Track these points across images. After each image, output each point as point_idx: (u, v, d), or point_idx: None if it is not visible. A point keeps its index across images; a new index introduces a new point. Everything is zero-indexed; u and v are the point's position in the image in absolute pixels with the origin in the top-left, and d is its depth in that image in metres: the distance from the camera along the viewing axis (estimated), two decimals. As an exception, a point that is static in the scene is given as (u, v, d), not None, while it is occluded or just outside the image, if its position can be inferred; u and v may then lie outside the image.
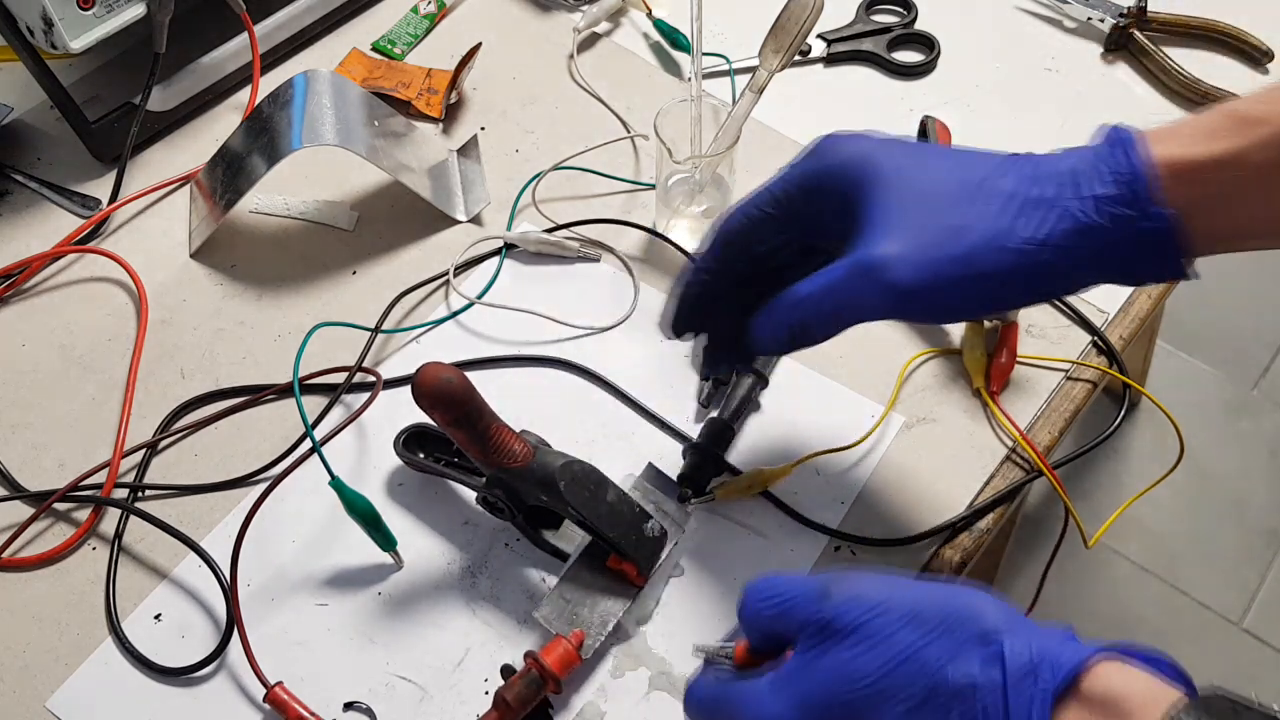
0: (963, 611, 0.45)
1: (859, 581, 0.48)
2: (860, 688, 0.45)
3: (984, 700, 0.43)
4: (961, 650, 0.44)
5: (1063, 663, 0.43)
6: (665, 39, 0.91)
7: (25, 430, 0.71)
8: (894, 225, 0.52)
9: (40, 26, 0.74)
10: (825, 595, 0.48)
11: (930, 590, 0.47)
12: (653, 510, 0.62)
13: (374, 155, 0.75)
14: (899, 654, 0.45)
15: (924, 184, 0.53)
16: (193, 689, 0.61)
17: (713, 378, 0.70)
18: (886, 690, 0.45)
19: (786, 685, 0.47)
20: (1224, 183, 0.49)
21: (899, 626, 0.46)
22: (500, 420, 0.59)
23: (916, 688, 0.44)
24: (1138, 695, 0.42)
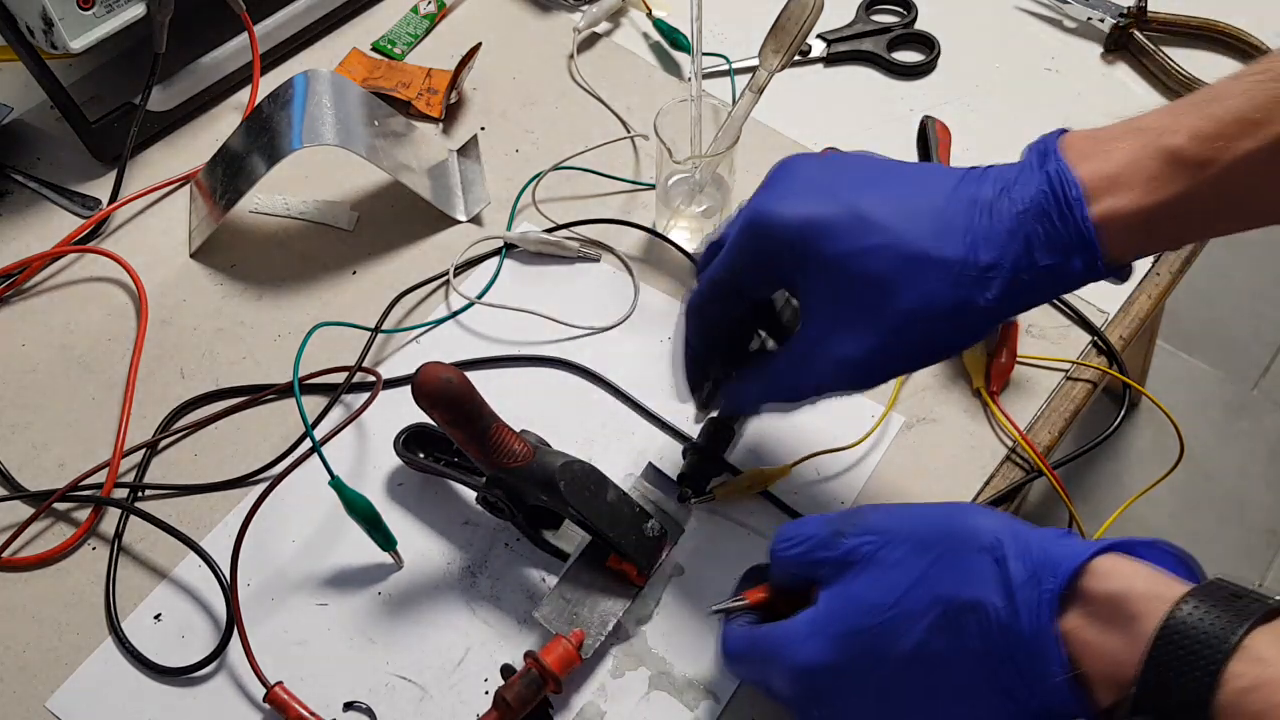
0: (962, 529, 0.47)
1: (867, 516, 0.51)
2: (881, 615, 0.47)
3: (994, 614, 0.45)
4: (966, 566, 0.46)
5: (1063, 564, 0.44)
6: (665, 39, 0.91)
7: (25, 430, 0.71)
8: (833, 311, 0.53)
9: (40, 26, 0.74)
10: (839, 534, 0.51)
11: (930, 513, 0.50)
12: (652, 510, 0.62)
13: (374, 155, 0.75)
14: (910, 579, 0.47)
15: (861, 261, 0.52)
16: (192, 689, 0.61)
17: (713, 378, 0.70)
18: (905, 614, 0.47)
19: (816, 625, 0.49)
20: (1162, 225, 0.50)
21: (906, 553, 0.48)
22: (500, 420, 0.59)
23: (931, 608, 0.46)
24: (1139, 591, 0.43)
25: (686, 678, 0.61)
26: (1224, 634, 0.40)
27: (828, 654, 0.49)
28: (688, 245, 0.77)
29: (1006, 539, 0.46)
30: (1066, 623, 0.44)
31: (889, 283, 0.51)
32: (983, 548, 0.46)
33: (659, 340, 0.74)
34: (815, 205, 0.53)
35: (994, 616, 0.45)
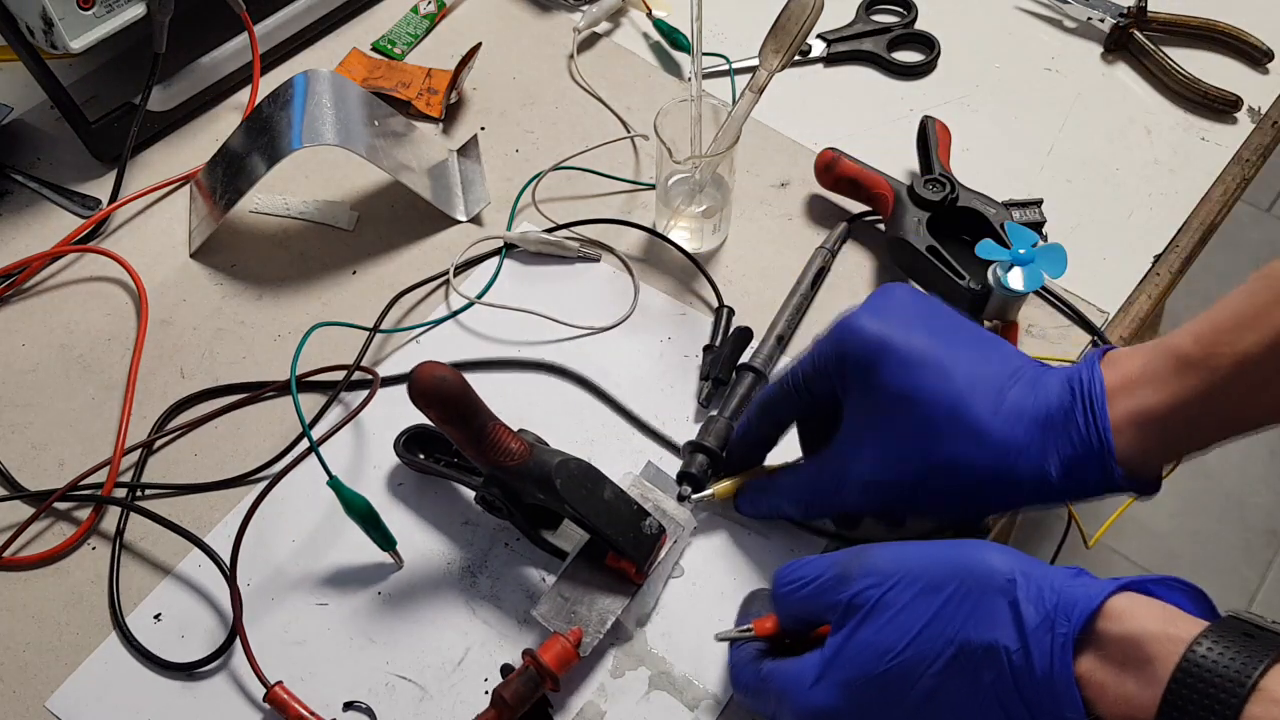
0: (974, 568, 0.47)
1: (872, 556, 0.50)
2: (892, 661, 0.47)
3: (1007, 658, 0.44)
4: (978, 608, 0.46)
5: (1078, 607, 0.44)
6: (665, 39, 0.91)
7: (25, 430, 0.71)
8: (870, 434, 0.57)
9: (40, 26, 0.74)
10: (845, 577, 0.50)
11: (938, 552, 0.49)
12: (652, 509, 0.62)
13: (374, 155, 0.75)
14: (921, 622, 0.47)
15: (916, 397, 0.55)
16: (192, 689, 0.61)
17: (712, 377, 0.70)
18: (917, 658, 0.46)
19: (826, 671, 0.49)
20: (1174, 425, 0.52)
21: (915, 595, 0.47)
22: (497, 419, 0.59)
23: (942, 653, 0.46)
24: (1154, 632, 0.43)
25: (686, 678, 0.61)
26: (1240, 676, 0.40)
27: (838, 700, 0.48)
28: (687, 245, 0.77)
29: (1019, 580, 0.45)
30: (1082, 665, 0.43)
31: (934, 426, 0.54)
32: (996, 589, 0.46)
33: (659, 340, 0.74)
34: (897, 330, 0.56)
35: (1008, 661, 0.44)
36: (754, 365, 0.70)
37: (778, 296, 0.75)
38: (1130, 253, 0.78)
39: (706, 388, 0.70)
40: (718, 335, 0.72)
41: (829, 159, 0.78)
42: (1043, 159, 0.84)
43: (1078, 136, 0.85)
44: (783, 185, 0.82)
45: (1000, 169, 0.83)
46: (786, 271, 0.76)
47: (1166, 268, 0.78)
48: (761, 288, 0.76)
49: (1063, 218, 0.79)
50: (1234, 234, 1.71)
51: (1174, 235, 0.79)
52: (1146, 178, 0.82)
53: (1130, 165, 0.83)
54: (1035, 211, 0.76)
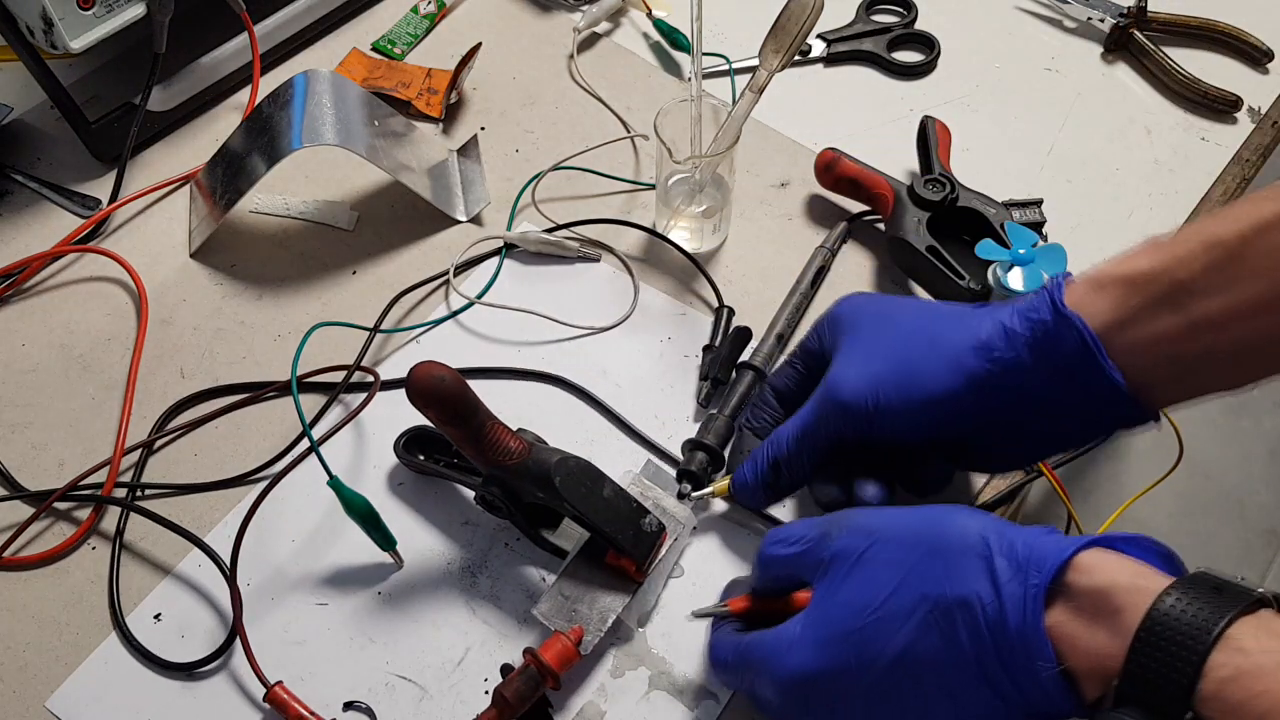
0: (948, 528, 0.48)
1: (853, 517, 0.52)
2: (868, 616, 0.48)
3: (981, 611, 0.45)
4: (953, 564, 0.46)
5: (1048, 560, 0.45)
6: (665, 39, 0.91)
7: (25, 430, 0.71)
8: (851, 359, 0.59)
9: (40, 26, 0.74)
10: (827, 536, 0.51)
11: (917, 514, 0.50)
12: (652, 506, 0.62)
13: (374, 155, 0.75)
14: (897, 578, 0.48)
15: (885, 330, 0.59)
16: (192, 689, 0.61)
17: (712, 377, 0.70)
18: (892, 614, 0.47)
19: (804, 632, 0.50)
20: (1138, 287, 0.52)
21: (892, 552, 0.48)
22: (495, 418, 0.59)
23: (918, 606, 0.47)
24: (1123, 585, 0.44)
25: (686, 678, 0.61)
26: (1206, 625, 0.40)
27: (817, 660, 0.49)
28: (688, 245, 0.77)
29: (992, 536, 0.46)
30: (1052, 617, 0.44)
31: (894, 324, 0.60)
32: (968, 546, 0.46)
33: (659, 340, 0.74)
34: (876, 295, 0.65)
35: (981, 613, 0.45)
36: (753, 364, 0.70)
37: (778, 296, 0.75)
38: (1130, 253, 0.78)
39: (706, 387, 0.70)
40: (717, 335, 0.72)
41: (829, 159, 0.78)
42: (1043, 159, 0.84)
43: (1078, 136, 0.85)
44: (783, 185, 0.82)
45: (1000, 169, 0.83)
46: (786, 271, 0.76)
47: (1166, 268, 0.78)
48: (761, 287, 0.76)
49: (1063, 218, 0.79)
50: (1234, 234, 1.71)
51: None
52: (1146, 178, 0.82)
53: (1130, 165, 0.83)
54: (1035, 211, 0.76)
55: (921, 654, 0.46)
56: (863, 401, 0.57)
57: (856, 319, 0.61)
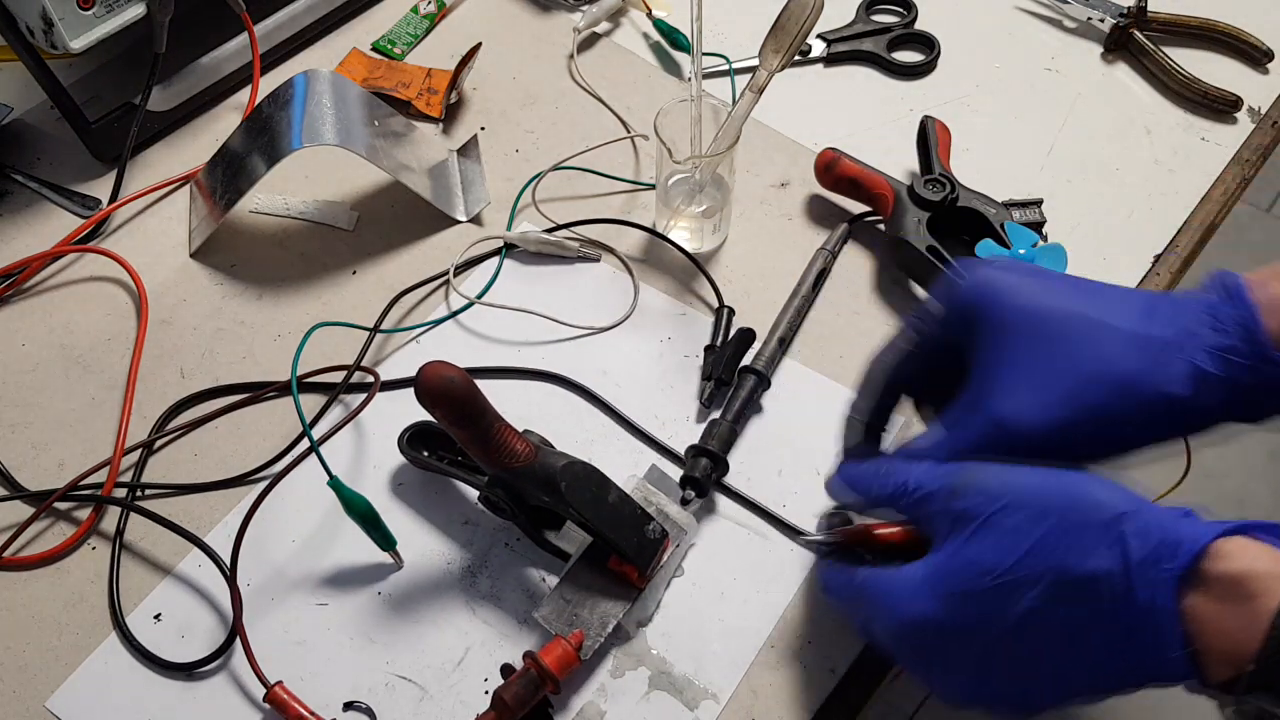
0: (1083, 499, 0.47)
1: (984, 474, 0.50)
2: (995, 579, 0.47)
3: (1109, 588, 0.45)
4: (1084, 538, 0.46)
5: (1184, 545, 0.44)
6: (665, 39, 0.91)
7: (25, 430, 0.71)
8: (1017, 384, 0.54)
9: (40, 26, 0.74)
10: (953, 491, 0.50)
11: (1048, 478, 0.49)
12: (655, 512, 0.62)
13: (374, 155, 0.75)
14: (1026, 545, 0.47)
15: (1051, 349, 0.54)
16: (192, 689, 0.61)
17: (715, 377, 0.70)
18: (1019, 580, 0.47)
19: (928, 581, 0.49)
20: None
21: (1023, 519, 0.48)
22: (503, 420, 0.59)
23: (1045, 578, 0.46)
24: (1261, 571, 0.43)
25: (686, 678, 0.61)
26: None
27: (937, 611, 0.49)
28: (688, 245, 0.77)
29: (1127, 513, 0.46)
30: (1185, 600, 0.44)
31: (1066, 339, 0.53)
32: (1103, 521, 0.46)
33: (659, 340, 0.74)
34: (1019, 267, 0.56)
35: (1111, 592, 0.45)
36: (756, 368, 0.70)
37: (778, 296, 0.75)
38: (1130, 253, 0.78)
39: (709, 388, 0.70)
40: (718, 335, 0.72)
41: (829, 159, 0.78)
42: (1043, 159, 0.84)
43: (1078, 136, 0.85)
44: (783, 185, 0.82)
45: (1000, 169, 0.82)
46: (787, 272, 0.76)
47: (1166, 268, 0.78)
48: (762, 288, 0.76)
49: (1063, 218, 0.79)
50: (1234, 234, 1.71)
51: (1174, 235, 0.79)
52: (1146, 178, 0.82)
53: (1130, 165, 0.83)
54: (1035, 211, 0.76)
55: (1044, 624, 0.46)
56: (1046, 442, 0.53)
57: (1005, 320, 0.55)
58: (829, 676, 0.61)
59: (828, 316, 0.75)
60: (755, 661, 0.61)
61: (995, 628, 0.47)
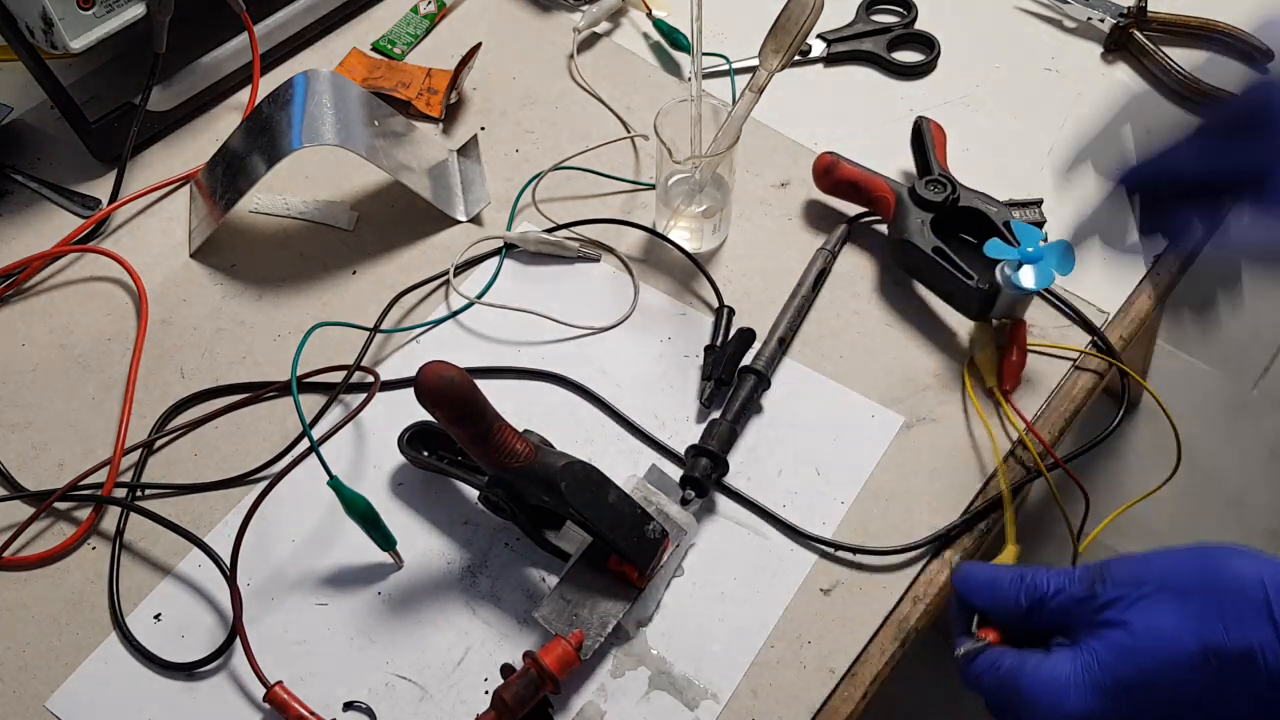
0: (1221, 573, 0.47)
1: (1120, 567, 0.50)
2: (1148, 664, 0.47)
3: (1264, 660, 0.45)
4: (1230, 612, 0.46)
5: None
6: (665, 39, 0.91)
7: (25, 430, 0.71)
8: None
9: (40, 26, 0.74)
10: (1094, 586, 0.50)
11: (1186, 556, 0.49)
12: (655, 512, 0.62)
13: (374, 155, 0.75)
14: (1176, 628, 0.47)
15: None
16: (192, 688, 0.61)
17: (715, 377, 0.70)
18: (1173, 664, 0.47)
19: (1082, 674, 0.49)
20: None
21: (1168, 601, 0.48)
22: (503, 420, 0.59)
23: (1198, 657, 0.46)
24: None
25: (686, 678, 0.61)
26: None
27: (1094, 704, 0.48)
28: (688, 245, 0.77)
29: (1269, 582, 0.46)
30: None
31: None
32: (1246, 592, 0.46)
33: (659, 340, 0.74)
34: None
35: (1264, 665, 0.44)
36: (756, 368, 0.70)
37: (778, 296, 0.75)
38: (1130, 252, 0.78)
39: (709, 387, 0.70)
40: (718, 335, 0.72)
41: (827, 163, 0.78)
42: (1043, 159, 0.84)
43: (1078, 136, 0.85)
44: (783, 185, 0.82)
45: (1000, 169, 0.82)
46: (786, 271, 0.76)
47: (1166, 268, 0.78)
48: (762, 288, 0.76)
49: (1063, 218, 0.79)
50: (1234, 234, 1.71)
51: (1174, 235, 0.79)
52: (1146, 178, 0.82)
53: (1130, 165, 0.83)
54: (1035, 212, 0.76)
55: (1200, 704, 0.46)
56: None
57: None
58: (829, 676, 0.61)
59: (828, 316, 0.75)
60: (755, 661, 0.61)
61: (1158, 714, 0.47)
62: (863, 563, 0.65)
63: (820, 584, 0.64)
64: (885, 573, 0.64)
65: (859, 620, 0.63)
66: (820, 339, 0.74)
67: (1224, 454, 1.57)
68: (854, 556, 0.65)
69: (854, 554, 0.65)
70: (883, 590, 0.64)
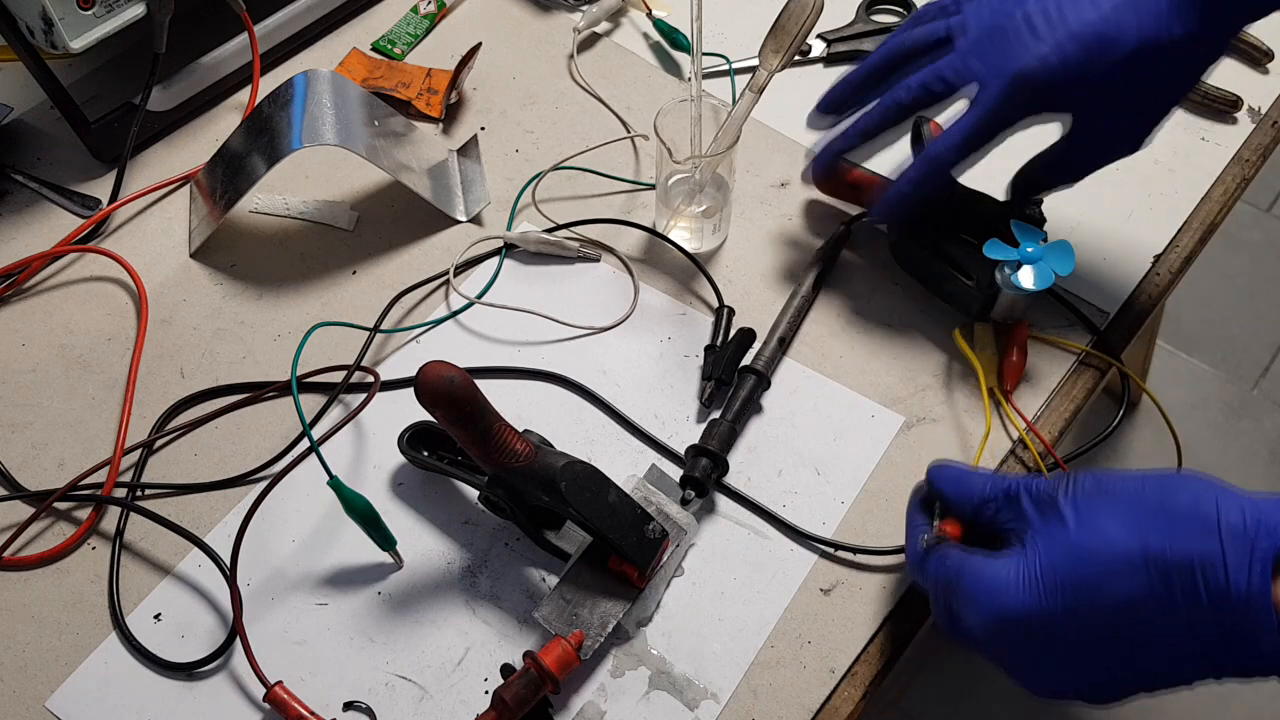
0: (1177, 488, 0.49)
1: (1080, 476, 0.52)
2: (1091, 566, 0.48)
3: (1205, 572, 0.45)
4: (1180, 524, 0.47)
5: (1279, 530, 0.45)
6: (665, 39, 0.91)
7: (25, 430, 0.71)
8: (1020, 43, 0.63)
9: (40, 26, 0.74)
10: (1047, 491, 0.52)
11: (1146, 476, 0.50)
12: (655, 512, 0.62)
13: (374, 155, 0.75)
14: (1123, 535, 0.48)
15: None
16: (192, 689, 0.61)
17: (715, 377, 0.70)
18: (1115, 567, 0.48)
19: (1021, 572, 0.50)
20: None
21: (1120, 510, 0.49)
22: (503, 420, 0.59)
23: (1143, 563, 0.47)
24: None
25: (686, 678, 0.61)
26: None
27: (1033, 602, 0.49)
28: (688, 245, 0.77)
29: (1222, 501, 0.47)
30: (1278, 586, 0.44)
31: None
32: (1197, 508, 0.47)
33: (659, 340, 0.74)
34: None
35: (1205, 576, 0.45)
36: (756, 368, 0.70)
37: (778, 296, 0.75)
38: (1130, 253, 0.78)
39: (709, 387, 0.70)
40: (718, 335, 0.72)
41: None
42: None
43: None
44: (783, 185, 0.82)
45: (1000, 169, 0.82)
46: (786, 271, 0.77)
47: (1166, 268, 0.78)
48: (762, 288, 0.76)
49: (1062, 218, 0.79)
50: (1234, 234, 1.71)
51: (1174, 235, 0.79)
52: (1146, 178, 0.82)
53: (1129, 165, 0.83)
54: (1035, 212, 0.76)
55: (1138, 609, 0.47)
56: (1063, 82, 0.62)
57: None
58: (829, 676, 0.61)
59: (828, 316, 0.75)
60: (755, 661, 0.61)
61: (1090, 616, 0.48)
62: (863, 563, 0.65)
63: (820, 584, 0.64)
64: (885, 573, 0.64)
65: (859, 620, 0.63)
66: (820, 339, 0.74)
67: (1224, 454, 1.57)
68: (854, 556, 0.65)
69: (854, 554, 0.65)
70: (883, 590, 0.64)
